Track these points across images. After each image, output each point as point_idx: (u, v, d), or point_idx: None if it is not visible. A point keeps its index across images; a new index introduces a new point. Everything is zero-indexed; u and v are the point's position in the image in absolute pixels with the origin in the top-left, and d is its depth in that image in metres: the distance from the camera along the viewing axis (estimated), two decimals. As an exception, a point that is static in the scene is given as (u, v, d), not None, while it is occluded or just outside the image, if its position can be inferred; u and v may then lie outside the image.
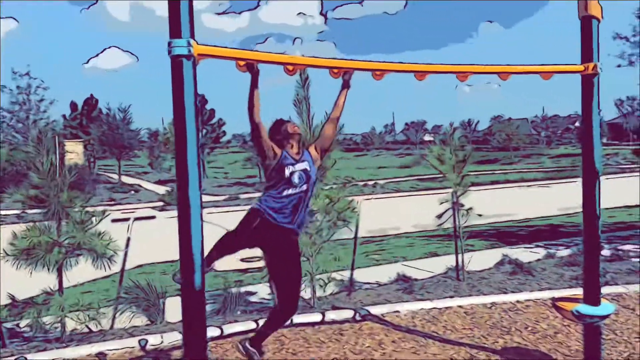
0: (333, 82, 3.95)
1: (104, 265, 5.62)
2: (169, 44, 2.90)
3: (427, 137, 73.39)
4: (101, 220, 5.64)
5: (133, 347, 5.06)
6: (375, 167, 50.52)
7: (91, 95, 49.56)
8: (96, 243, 5.40)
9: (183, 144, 2.89)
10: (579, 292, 4.57)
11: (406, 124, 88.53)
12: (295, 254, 3.81)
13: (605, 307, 4.31)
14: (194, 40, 2.94)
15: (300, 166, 3.65)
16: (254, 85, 3.54)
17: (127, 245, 6.10)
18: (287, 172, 3.57)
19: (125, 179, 41.49)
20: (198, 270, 2.92)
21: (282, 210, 3.57)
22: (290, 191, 3.58)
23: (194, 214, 2.89)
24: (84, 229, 5.51)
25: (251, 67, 3.47)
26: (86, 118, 46.87)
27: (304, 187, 3.63)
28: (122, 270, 6.15)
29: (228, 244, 3.71)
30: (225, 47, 3.13)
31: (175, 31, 2.91)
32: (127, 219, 6.60)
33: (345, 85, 3.93)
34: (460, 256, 7.57)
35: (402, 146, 76.11)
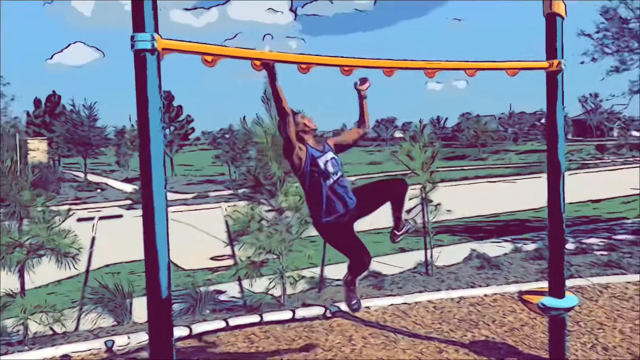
0: (302, 77, 3.92)
1: (69, 266, 5.48)
2: (132, 38, 2.84)
3: (397, 134, 74.02)
4: (65, 219, 5.50)
5: (99, 349, 4.96)
6: (346, 164, 50.69)
7: (53, 92, 48.41)
8: (60, 242, 5.26)
9: (147, 141, 2.82)
10: (544, 285, 4.66)
11: (377, 120, 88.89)
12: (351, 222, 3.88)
13: (570, 299, 4.40)
14: (158, 34, 2.87)
15: (329, 155, 3.72)
16: (272, 80, 3.49)
17: (92, 245, 5.96)
18: (321, 164, 3.62)
19: (92, 178, 40.66)
20: (164, 269, 2.86)
21: (335, 203, 3.65)
22: (330, 181, 3.64)
23: (158, 212, 2.83)
24: (47, 228, 5.36)
25: (266, 65, 3.44)
26: (49, 115, 45.76)
27: (340, 173, 3.72)
28: (87, 270, 6.01)
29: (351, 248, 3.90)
30: (190, 42, 3.07)
31: (138, 25, 2.84)
32: (93, 218, 6.45)
33: (362, 97, 3.96)
34: (429, 251, 7.64)
35: (373, 143, 76.57)
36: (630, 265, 7.36)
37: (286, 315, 5.64)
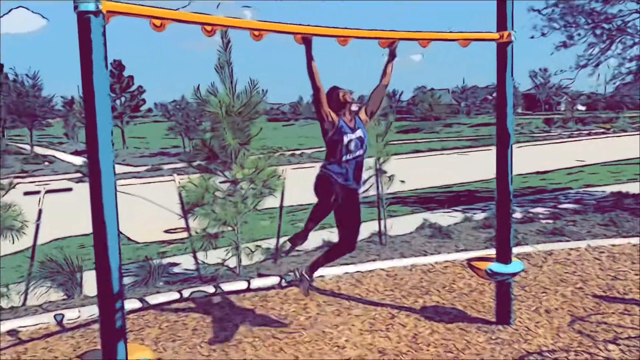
0: (256, 45, 3.89)
1: (13, 239, 5.31)
2: (74, -1, 2.70)
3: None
4: (7, 191, 5.29)
5: (48, 323, 4.85)
6: (302, 137, 50.55)
7: (-4, 60, 45.96)
8: (3, 216, 5.07)
9: (92, 109, 2.72)
10: (492, 252, 4.82)
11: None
12: (356, 205, 4.25)
13: (515, 265, 4.58)
14: (103, -5, 2.75)
15: (356, 134, 4.03)
16: (308, 53, 3.82)
17: (38, 218, 5.77)
18: (345, 140, 3.97)
19: (38, 150, 39.20)
20: (113, 241, 2.80)
21: (344, 174, 4.01)
22: (349, 157, 4.00)
23: (106, 185, 2.76)
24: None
25: (305, 40, 3.78)
26: (-9, 85, 43.53)
27: (360, 152, 4.06)
28: (34, 243, 5.83)
29: (320, 213, 4.07)
30: (138, 5, 2.95)
31: (81, -14, 2.70)
32: (40, 192, 6.22)
33: (392, 55, 4.21)
34: (382, 222, 7.77)
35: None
36: (573, 233, 7.70)
37: (241, 285, 5.65)
